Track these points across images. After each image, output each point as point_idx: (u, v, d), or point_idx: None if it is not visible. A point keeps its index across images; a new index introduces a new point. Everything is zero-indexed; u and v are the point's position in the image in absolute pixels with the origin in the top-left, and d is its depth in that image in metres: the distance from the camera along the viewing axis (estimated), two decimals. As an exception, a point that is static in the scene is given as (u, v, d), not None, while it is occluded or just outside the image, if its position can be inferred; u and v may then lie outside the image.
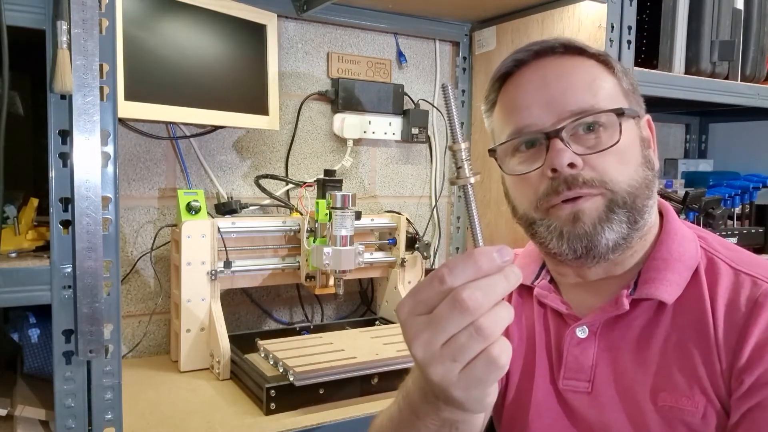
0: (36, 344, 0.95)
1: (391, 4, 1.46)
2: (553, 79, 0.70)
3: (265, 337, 1.24)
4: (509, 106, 0.74)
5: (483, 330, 0.46)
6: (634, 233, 0.70)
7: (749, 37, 1.48)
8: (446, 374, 0.47)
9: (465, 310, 0.45)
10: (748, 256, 0.71)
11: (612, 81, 0.72)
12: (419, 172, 1.65)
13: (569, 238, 0.68)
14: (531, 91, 0.71)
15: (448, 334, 0.46)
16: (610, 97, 0.70)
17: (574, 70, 0.71)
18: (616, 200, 0.68)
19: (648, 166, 0.71)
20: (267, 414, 1.02)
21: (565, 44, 0.73)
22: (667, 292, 0.69)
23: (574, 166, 0.67)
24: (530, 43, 0.74)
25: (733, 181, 1.64)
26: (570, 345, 0.74)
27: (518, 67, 0.74)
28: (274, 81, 1.32)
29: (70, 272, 0.77)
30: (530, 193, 0.71)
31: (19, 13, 0.74)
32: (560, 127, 0.68)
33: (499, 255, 0.47)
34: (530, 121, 0.70)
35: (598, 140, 0.68)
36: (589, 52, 0.73)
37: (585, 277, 0.74)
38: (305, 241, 1.30)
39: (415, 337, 0.47)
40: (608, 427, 0.70)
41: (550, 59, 0.72)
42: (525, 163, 0.72)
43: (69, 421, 0.79)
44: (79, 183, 0.76)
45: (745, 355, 0.63)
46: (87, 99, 0.76)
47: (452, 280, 0.46)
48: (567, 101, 0.69)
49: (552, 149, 0.68)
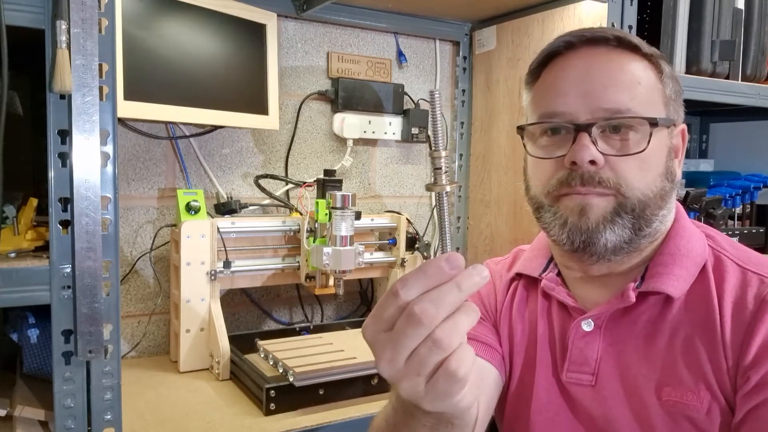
0: (35, 344, 0.95)
1: (391, 4, 1.46)
2: (598, 71, 0.69)
3: (264, 337, 1.24)
4: (548, 88, 0.73)
5: (439, 342, 0.45)
6: (640, 239, 0.70)
7: (750, 36, 1.47)
8: (413, 389, 0.46)
9: (418, 323, 0.44)
10: (755, 256, 0.72)
11: (656, 86, 0.71)
12: (419, 172, 1.65)
13: (570, 229, 0.69)
14: (572, 78, 0.70)
15: (409, 349, 0.45)
16: (649, 103, 0.69)
17: (620, 67, 0.70)
18: (625, 205, 0.68)
19: (668, 178, 0.71)
20: (267, 414, 1.02)
21: (619, 37, 0.71)
22: (674, 286, 0.69)
23: (595, 164, 0.67)
24: (585, 28, 0.73)
25: (734, 181, 1.63)
26: (575, 338, 0.74)
27: (567, 49, 0.73)
28: (273, 81, 1.31)
29: (69, 272, 0.77)
30: (545, 178, 0.71)
31: (19, 13, 0.74)
32: (591, 122, 0.68)
33: (447, 264, 0.46)
34: (564, 110, 0.70)
35: (624, 143, 0.68)
36: (642, 50, 0.72)
37: (587, 272, 0.74)
38: (305, 241, 1.30)
39: (380, 355, 0.47)
40: (611, 420, 0.70)
41: (601, 50, 0.71)
42: (548, 148, 0.72)
43: (68, 421, 0.79)
44: (78, 183, 0.76)
45: (751, 352, 0.63)
46: (86, 99, 0.76)
47: (405, 294, 0.45)
48: (605, 98, 0.68)
49: (578, 143, 0.68)
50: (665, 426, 0.67)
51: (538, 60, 0.76)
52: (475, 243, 1.63)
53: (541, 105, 0.73)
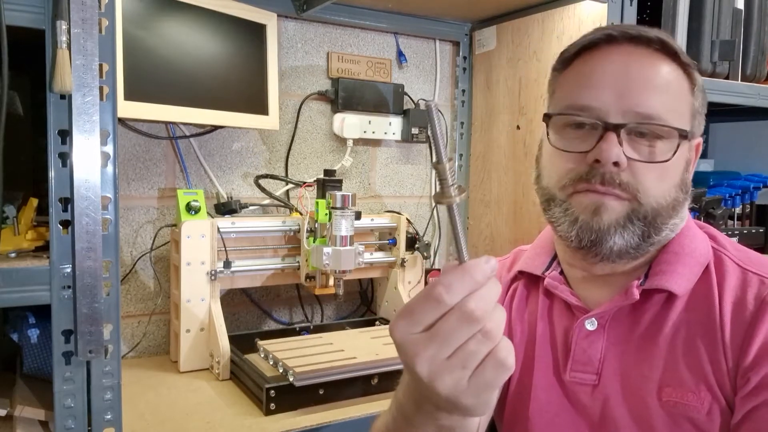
0: (35, 344, 0.95)
1: (391, 4, 1.46)
2: (636, 71, 0.68)
3: (264, 337, 1.24)
4: (582, 78, 0.71)
5: (489, 333, 0.46)
6: (648, 246, 0.70)
7: (750, 36, 1.47)
8: (456, 384, 0.47)
9: (474, 320, 0.46)
10: (756, 257, 0.72)
11: (687, 97, 0.70)
12: (419, 172, 1.65)
13: (581, 227, 0.68)
14: (609, 73, 0.69)
15: (455, 345, 0.46)
16: (679, 114, 0.69)
17: (658, 72, 0.69)
18: (638, 212, 0.68)
19: (682, 189, 0.71)
20: (267, 414, 1.02)
21: (663, 41, 0.70)
22: (677, 284, 0.69)
23: (618, 165, 0.66)
24: (629, 25, 0.72)
25: (734, 181, 1.63)
26: (578, 337, 0.74)
27: (607, 43, 0.71)
28: (273, 81, 1.31)
29: (69, 272, 0.77)
30: (562, 171, 0.70)
31: (19, 13, 0.74)
32: (622, 123, 0.67)
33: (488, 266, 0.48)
34: (596, 105, 0.68)
35: (651, 150, 0.67)
36: (681, 59, 0.70)
37: (590, 271, 0.74)
38: (305, 241, 1.30)
39: (418, 354, 0.47)
40: (612, 420, 0.70)
41: (642, 50, 0.70)
42: (571, 141, 0.70)
43: (68, 421, 0.79)
44: (78, 183, 0.76)
45: (751, 353, 0.63)
46: (86, 99, 0.76)
47: (451, 298, 0.46)
48: (639, 101, 0.67)
49: (605, 141, 0.67)
50: (665, 426, 0.67)
51: (576, 48, 0.73)
52: (475, 243, 1.63)
53: (572, 95, 0.71)
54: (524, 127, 1.47)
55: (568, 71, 0.74)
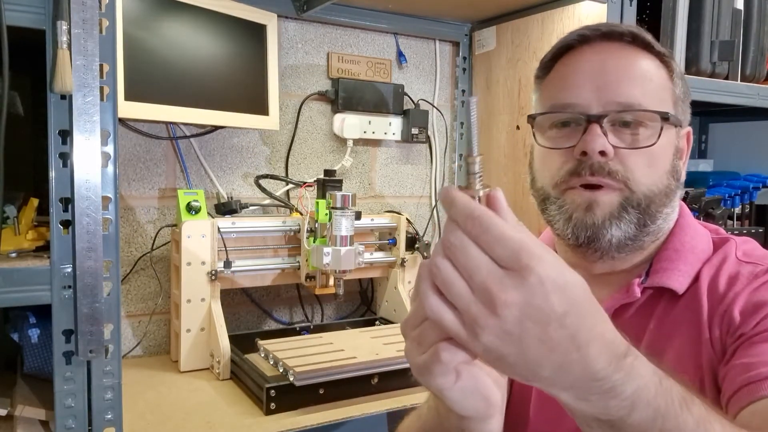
0: (36, 344, 0.95)
1: (391, 4, 1.46)
2: (612, 66, 0.70)
3: (265, 337, 1.24)
4: (561, 80, 0.73)
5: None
6: (644, 236, 0.70)
7: (749, 37, 1.47)
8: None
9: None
10: (761, 251, 0.72)
11: (667, 84, 0.72)
12: (419, 172, 1.65)
13: (576, 224, 0.69)
14: (587, 71, 0.71)
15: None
16: (660, 100, 0.70)
17: (634, 63, 0.70)
18: (631, 199, 0.68)
19: (674, 176, 0.71)
20: (267, 414, 1.02)
21: (634, 34, 0.72)
22: (678, 281, 0.69)
23: (605, 155, 0.67)
24: (600, 23, 0.74)
25: (733, 181, 1.63)
26: None
27: (581, 43, 0.73)
28: (274, 81, 1.32)
29: (70, 272, 0.77)
30: (553, 169, 0.71)
31: (19, 13, 0.74)
32: (603, 114, 0.68)
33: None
34: (577, 101, 0.70)
35: (635, 137, 0.69)
36: (655, 49, 0.72)
37: (591, 270, 0.74)
38: (305, 241, 1.30)
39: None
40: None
41: (616, 45, 0.72)
42: (558, 139, 0.72)
43: (69, 421, 0.79)
44: (79, 183, 0.76)
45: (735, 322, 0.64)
46: (87, 99, 0.76)
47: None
48: (618, 91, 0.69)
49: (589, 133, 0.68)
50: None
51: (552, 52, 0.75)
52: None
53: (554, 96, 0.73)
54: (524, 127, 1.47)
55: (548, 77, 0.76)
